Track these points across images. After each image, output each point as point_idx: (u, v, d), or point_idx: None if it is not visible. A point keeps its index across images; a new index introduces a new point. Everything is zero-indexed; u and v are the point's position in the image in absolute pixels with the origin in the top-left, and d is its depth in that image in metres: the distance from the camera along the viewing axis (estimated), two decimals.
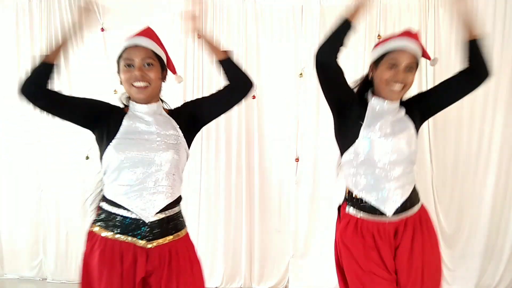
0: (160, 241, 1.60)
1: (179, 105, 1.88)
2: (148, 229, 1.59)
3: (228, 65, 1.78)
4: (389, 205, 1.82)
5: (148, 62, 1.67)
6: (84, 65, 3.54)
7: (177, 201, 1.71)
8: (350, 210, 1.90)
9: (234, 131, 3.59)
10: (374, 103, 1.88)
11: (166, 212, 1.64)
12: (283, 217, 3.66)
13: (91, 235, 1.68)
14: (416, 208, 1.93)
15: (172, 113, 1.80)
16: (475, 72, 1.84)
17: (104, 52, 3.55)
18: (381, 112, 1.87)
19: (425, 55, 1.95)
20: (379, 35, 3.48)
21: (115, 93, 3.55)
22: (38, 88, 1.59)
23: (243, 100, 1.81)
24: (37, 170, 3.69)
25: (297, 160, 3.60)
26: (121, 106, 1.79)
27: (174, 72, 1.86)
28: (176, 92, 3.31)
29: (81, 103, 1.71)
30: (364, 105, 1.89)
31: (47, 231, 3.71)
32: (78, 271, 1.70)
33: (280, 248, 3.66)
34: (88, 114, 1.69)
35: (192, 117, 1.78)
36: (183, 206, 1.79)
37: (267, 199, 3.65)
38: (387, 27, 3.50)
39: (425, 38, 3.47)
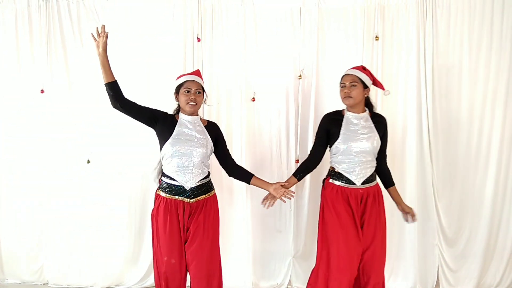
0: (199, 198, 2.63)
1: (215, 124, 2.82)
2: (189, 192, 2.60)
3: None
4: (358, 178, 2.72)
5: (198, 91, 2.67)
6: (84, 66, 3.56)
7: (207, 176, 2.70)
8: (334, 181, 2.77)
9: (235, 132, 3.61)
10: (348, 115, 2.76)
11: (199, 182, 2.63)
12: (284, 217, 3.67)
13: (157, 196, 2.66)
14: (374, 183, 2.78)
15: (208, 123, 2.76)
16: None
17: None
18: (352, 120, 2.73)
19: (377, 85, 2.84)
20: (376, 36, 3.50)
21: None
22: (117, 101, 2.56)
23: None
24: (37, 174, 3.69)
25: (297, 161, 3.61)
26: (172, 114, 2.73)
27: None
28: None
29: (147, 110, 2.64)
30: (339, 120, 2.76)
31: (48, 236, 3.71)
32: (151, 220, 2.68)
33: (281, 249, 3.67)
34: (151, 118, 2.64)
35: (214, 141, 2.74)
36: None
37: None
38: (385, 27, 3.52)
39: (423, 38, 3.49)
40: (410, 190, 3.54)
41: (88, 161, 3.58)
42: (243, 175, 2.80)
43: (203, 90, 2.73)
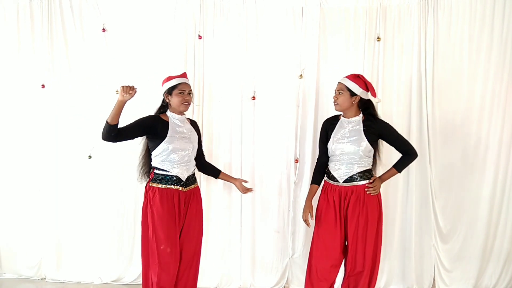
0: (191, 186, 2.90)
1: (196, 122, 3.11)
2: (184, 182, 2.84)
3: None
4: (342, 176, 2.90)
5: (190, 92, 2.92)
6: (86, 66, 3.56)
7: (194, 168, 2.98)
8: (326, 179, 3.01)
9: (235, 132, 3.61)
10: (342, 120, 2.96)
11: (191, 173, 2.91)
12: (282, 217, 3.67)
13: (150, 189, 2.82)
14: (362, 183, 2.87)
15: (191, 122, 3.03)
16: None
17: (105, 53, 3.56)
18: (343, 124, 2.92)
19: (372, 93, 2.92)
20: (378, 37, 3.50)
21: (116, 93, 3.57)
22: (111, 139, 2.67)
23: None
24: (36, 169, 3.68)
25: (296, 161, 3.62)
26: (156, 114, 2.91)
27: None
28: None
29: (137, 127, 2.78)
30: (334, 124, 2.97)
31: (46, 231, 3.71)
32: (142, 215, 2.84)
33: (279, 249, 3.68)
34: (144, 130, 2.81)
35: (198, 137, 3.03)
36: None
37: (267, 199, 3.66)
38: (387, 28, 3.53)
39: (424, 39, 3.50)
40: (409, 190, 3.56)
41: (90, 157, 3.57)
42: (212, 171, 3.14)
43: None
